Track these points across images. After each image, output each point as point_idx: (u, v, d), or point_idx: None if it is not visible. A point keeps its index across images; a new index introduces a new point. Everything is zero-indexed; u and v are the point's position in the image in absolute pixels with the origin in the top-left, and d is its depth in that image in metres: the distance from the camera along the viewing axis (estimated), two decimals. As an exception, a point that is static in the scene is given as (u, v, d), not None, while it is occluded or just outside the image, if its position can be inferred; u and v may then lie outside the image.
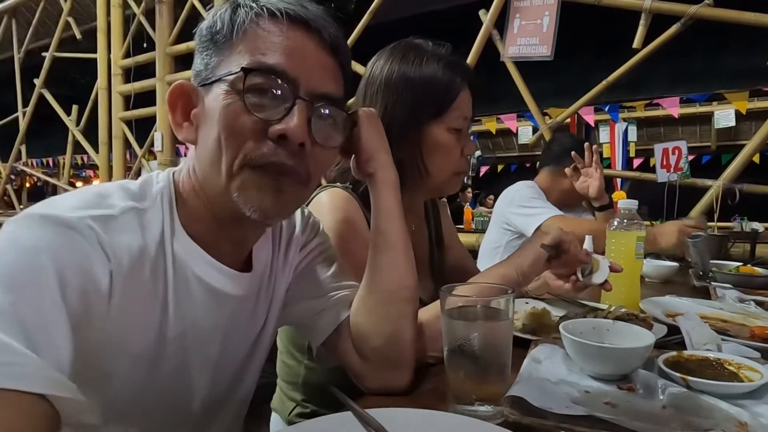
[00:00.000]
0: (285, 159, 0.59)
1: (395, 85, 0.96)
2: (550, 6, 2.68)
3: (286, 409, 1.07)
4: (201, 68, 0.62)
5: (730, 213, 2.59)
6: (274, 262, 0.75)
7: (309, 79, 0.60)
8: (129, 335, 0.57)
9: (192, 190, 0.64)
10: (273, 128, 0.58)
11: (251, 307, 0.72)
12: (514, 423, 0.55)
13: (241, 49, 0.59)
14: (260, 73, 0.57)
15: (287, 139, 0.58)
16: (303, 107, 0.59)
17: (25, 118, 5.38)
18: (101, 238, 0.53)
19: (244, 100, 0.57)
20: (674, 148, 2.43)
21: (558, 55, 2.67)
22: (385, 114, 0.95)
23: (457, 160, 1.00)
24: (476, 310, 0.62)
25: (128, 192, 0.61)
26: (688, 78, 5.20)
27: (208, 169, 0.61)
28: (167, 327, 0.61)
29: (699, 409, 0.58)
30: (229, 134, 0.58)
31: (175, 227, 0.62)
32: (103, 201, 0.57)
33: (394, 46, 1.01)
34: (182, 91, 0.62)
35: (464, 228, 4.04)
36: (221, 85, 0.58)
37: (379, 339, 0.71)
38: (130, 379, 0.59)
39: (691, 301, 1.12)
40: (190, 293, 0.63)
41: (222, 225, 0.64)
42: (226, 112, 0.58)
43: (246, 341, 0.74)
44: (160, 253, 0.60)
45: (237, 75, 0.57)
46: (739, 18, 2.30)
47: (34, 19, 5.20)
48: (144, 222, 0.59)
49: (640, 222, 1.14)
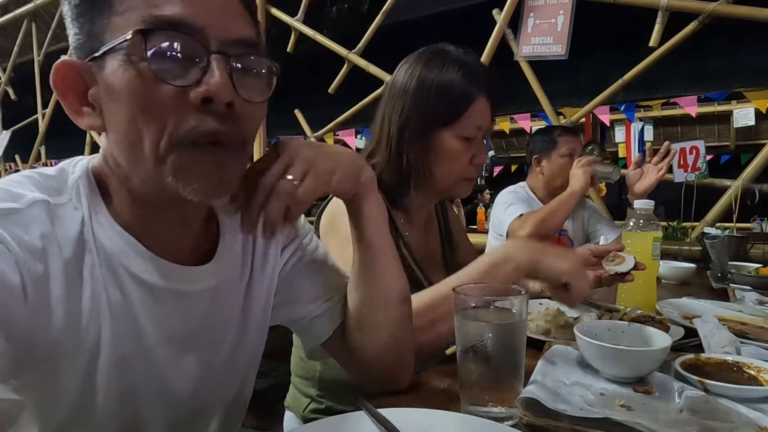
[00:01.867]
0: (217, 125, 0.50)
1: (414, 88, 0.99)
2: (564, 4, 2.65)
3: (301, 406, 1.08)
4: (82, 39, 0.52)
5: (749, 214, 2.55)
6: (246, 259, 0.68)
7: (218, 26, 0.50)
8: (60, 342, 0.51)
9: (114, 177, 0.56)
10: (194, 92, 0.49)
11: (216, 307, 0.64)
12: (528, 425, 0.55)
13: (127, 4, 0.49)
14: (160, 31, 0.48)
15: (213, 102, 0.49)
16: (221, 61, 0.50)
17: (45, 120, 5.48)
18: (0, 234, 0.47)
19: (150, 68, 0.48)
20: (692, 148, 2.39)
21: (573, 54, 2.64)
22: (401, 116, 0.99)
23: (465, 167, 1.02)
24: (489, 311, 0.62)
25: (38, 183, 0.54)
26: (707, 76, 5.11)
27: (127, 155, 0.53)
28: (102, 332, 0.54)
29: (716, 413, 0.57)
30: (143, 112, 0.49)
31: (99, 218, 0.55)
32: (8, 194, 0.51)
33: (421, 51, 1.04)
34: (69, 71, 0.52)
35: (477, 228, 4.03)
36: (116, 55, 0.49)
37: (377, 349, 0.70)
38: (73, 395, 0.53)
39: (708, 303, 1.10)
40: (125, 292, 0.55)
41: (156, 211, 0.57)
42: (132, 87, 0.49)
43: (215, 347, 0.65)
44: (79, 248, 0.53)
45: (132, 40, 0.48)
46: (758, 15, 2.26)
47: (53, 22, 5.30)
48: (56, 216, 0.52)
49: (657, 222, 1.12)
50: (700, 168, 2.36)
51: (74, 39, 0.53)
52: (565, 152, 2.12)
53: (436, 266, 1.16)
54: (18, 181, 0.53)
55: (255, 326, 0.70)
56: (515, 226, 1.93)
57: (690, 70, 4.76)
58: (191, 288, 0.60)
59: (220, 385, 0.67)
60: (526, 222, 1.88)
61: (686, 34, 2.39)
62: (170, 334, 0.59)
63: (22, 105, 5.87)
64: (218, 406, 0.69)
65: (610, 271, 0.94)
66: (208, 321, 0.63)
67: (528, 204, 2.09)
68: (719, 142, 8.16)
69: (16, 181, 0.53)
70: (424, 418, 0.56)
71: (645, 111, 7.05)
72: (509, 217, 1.98)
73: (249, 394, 0.75)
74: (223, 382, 0.68)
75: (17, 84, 6.00)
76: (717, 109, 7.12)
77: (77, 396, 0.54)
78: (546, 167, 2.17)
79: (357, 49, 3.33)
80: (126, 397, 0.57)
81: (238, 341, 0.68)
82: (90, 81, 0.52)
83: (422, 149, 0.99)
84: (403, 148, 1.00)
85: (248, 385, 0.74)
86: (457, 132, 0.98)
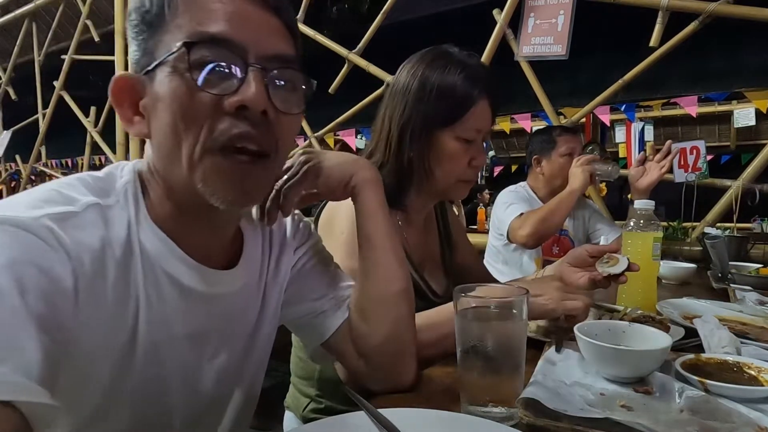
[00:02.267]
0: (248, 128, 0.54)
1: (415, 89, 1.00)
2: (564, 4, 2.65)
3: (301, 406, 1.08)
4: (139, 55, 0.57)
5: (749, 214, 2.55)
6: (264, 264, 0.72)
7: (257, 43, 0.55)
8: (101, 338, 0.54)
9: (155, 183, 0.60)
10: (229, 100, 0.53)
11: (237, 309, 0.68)
12: (528, 425, 0.55)
13: (176, 23, 0.54)
14: (203, 45, 0.53)
15: (247, 109, 0.53)
16: (258, 73, 0.54)
17: (45, 120, 5.48)
18: (60, 239, 0.49)
19: (193, 78, 0.52)
20: (692, 148, 2.38)
21: (573, 54, 2.64)
22: (402, 115, 1.00)
23: (463, 168, 1.02)
24: (490, 311, 0.62)
25: (90, 187, 0.57)
26: (707, 76, 5.11)
27: (167, 161, 0.57)
28: (139, 328, 0.57)
29: (717, 413, 0.57)
30: (182, 118, 0.53)
31: (142, 221, 0.58)
32: (62, 197, 0.53)
33: (424, 52, 1.04)
34: (125, 84, 0.57)
35: (478, 228, 4.03)
36: (164, 68, 0.54)
37: (377, 339, 0.72)
38: (105, 385, 0.56)
39: (709, 304, 1.10)
40: (161, 292, 0.59)
41: (192, 216, 0.61)
42: (175, 95, 0.53)
43: (232, 345, 0.69)
44: (128, 250, 0.56)
45: (178, 53, 0.52)
46: (759, 15, 2.25)
47: (53, 22, 5.31)
48: (108, 218, 0.55)
49: (657, 223, 1.12)
50: (701, 168, 2.35)
51: (133, 55, 0.58)
52: (565, 151, 2.12)
53: (435, 267, 1.16)
54: (71, 183, 0.56)
55: (267, 328, 0.74)
56: (516, 225, 1.93)
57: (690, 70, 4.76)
58: (219, 290, 0.64)
59: (233, 384, 0.70)
60: (526, 221, 1.89)
61: (687, 34, 2.39)
62: (193, 331, 0.63)
63: (23, 105, 5.88)
64: (231, 403, 0.71)
65: (603, 273, 0.95)
66: (228, 322, 0.67)
67: (529, 203, 2.09)
68: (720, 142, 8.15)
69: (69, 184, 0.56)
70: (424, 418, 0.56)
71: (645, 111, 7.04)
72: (510, 217, 1.98)
73: (257, 393, 0.77)
74: (236, 381, 0.71)
75: (18, 84, 6.00)
76: (717, 109, 7.11)
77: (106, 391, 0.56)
78: (546, 167, 2.17)
79: (357, 49, 3.33)
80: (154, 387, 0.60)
81: (251, 342, 0.71)
82: (142, 92, 0.57)
83: (423, 149, 1.00)
84: (404, 148, 1.01)
85: (257, 384, 0.76)
86: (456, 133, 0.99)
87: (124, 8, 4.45)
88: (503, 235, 2.07)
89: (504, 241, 2.10)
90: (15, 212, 0.49)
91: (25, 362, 0.42)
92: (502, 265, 2.15)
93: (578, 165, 1.94)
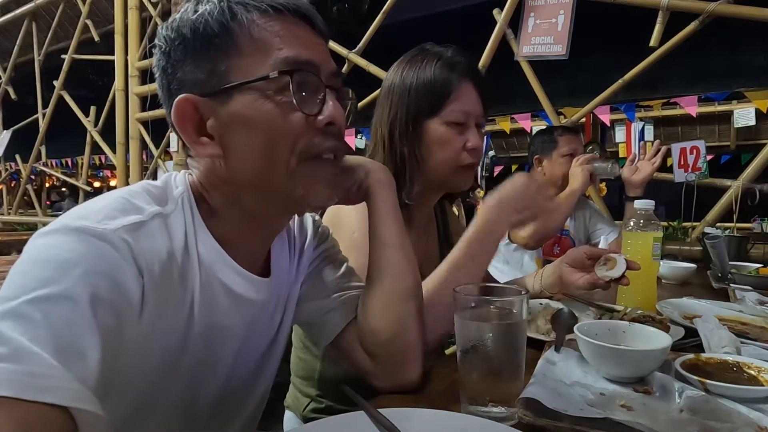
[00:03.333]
0: (337, 142, 0.63)
1: (398, 88, 1.03)
2: (565, 4, 2.65)
3: (301, 405, 1.08)
4: (202, 76, 0.58)
5: (749, 214, 2.55)
6: (290, 270, 0.76)
7: (324, 62, 0.62)
8: (154, 342, 0.57)
9: (218, 194, 0.63)
10: (320, 119, 0.60)
11: (268, 313, 0.73)
12: (528, 424, 0.55)
13: (256, 48, 0.58)
14: (297, 71, 0.58)
15: (334, 125, 0.61)
16: (331, 92, 0.62)
17: (45, 119, 5.48)
18: (134, 251, 0.52)
19: (288, 100, 0.58)
20: (692, 148, 2.39)
21: (573, 53, 2.64)
22: (389, 114, 1.02)
23: (457, 153, 1.01)
24: (490, 311, 0.62)
25: (153, 196, 0.60)
26: (707, 76, 5.12)
27: (258, 175, 0.60)
28: (190, 330, 0.61)
29: (717, 413, 0.57)
30: (280, 136, 0.58)
31: (198, 229, 0.62)
32: (132, 206, 0.56)
33: (405, 54, 1.07)
34: (189, 106, 0.59)
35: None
36: (250, 91, 0.57)
37: (385, 338, 0.72)
38: (149, 384, 0.59)
39: (709, 303, 1.10)
40: (214, 297, 0.63)
41: (252, 227, 0.65)
42: (271, 115, 0.57)
43: (261, 345, 0.74)
44: (186, 257, 0.60)
45: (274, 78, 0.57)
46: (759, 14, 2.25)
47: (53, 22, 5.31)
48: (169, 227, 0.59)
49: (657, 223, 1.12)
50: (701, 168, 2.36)
51: (191, 75, 0.59)
52: (567, 152, 2.11)
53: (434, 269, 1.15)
54: (138, 192, 0.59)
55: (286, 327, 0.78)
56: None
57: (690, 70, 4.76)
58: (258, 297, 0.68)
59: (251, 384, 0.75)
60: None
61: (687, 34, 2.39)
62: (230, 335, 0.67)
63: (23, 105, 5.89)
64: (248, 403, 0.75)
65: (604, 278, 0.95)
66: (260, 325, 0.72)
67: None
68: (719, 142, 8.14)
69: (136, 193, 0.59)
70: (424, 418, 0.56)
71: (645, 111, 7.03)
72: None
73: (267, 393, 0.80)
74: (254, 383, 0.75)
75: (17, 83, 6.01)
76: (717, 109, 7.10)
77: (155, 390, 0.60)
78: (547, 167, 2.16)
79: (357, 49, 3.33)
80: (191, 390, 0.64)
81: (273, 343, 0.76)
82: (207, 114, 0.59)
83: (413, 142, 1.01)
84: (395, 146, 1.01)
85: (269, 385, 0.79)
86: (444, 119, 0.99)
87: (124, 8, 4.45)
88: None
89: (505, 241, 2.10)
90: (92, 222, 0.51)
91: (86, 371, 0.44)
92: (503, 265, 2.15)
93: (578, 165, 1.95)
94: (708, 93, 5.58)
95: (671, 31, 2.43)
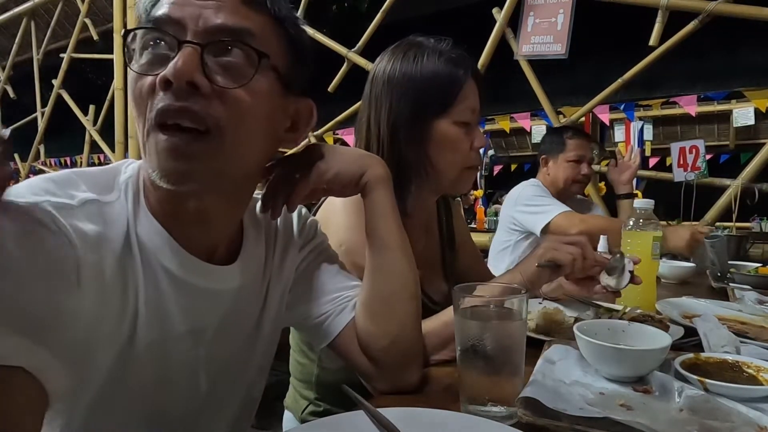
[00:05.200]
0: (173, 100, 0.52)
1: (398, 84, 0.95)
2: (564, 3, 2.65)
3: (299, 408, 1.08)
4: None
5: (748, 213, 2.55)
6: (267, 263, 0.72)
7: (198, 18, 0.54)
8: (102, 330, 0.54)
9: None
10: (157, 77, 0.53)
11: (238, 307, 0.68)
12: (527, 424, 0.55)
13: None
14: (143, 30, 0.55)
15: (173, 83, 0.52)
16: (190, 48, 0.53)
17: (44, 118, 5.47)
18: (60, 223, 0.49)
19: (132, 64, 0.54)
20: (691, 147, 2.39)
21: (573, 53, 2.64)
22: (390, 114, 0.95)
23: (467, 153, 0.98)
24: (489, 310, 0.62)
25: (90, 183, 0.57)
26: (706, 76, 5.12)
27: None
28: (139, 322, 0.57)
29: (716, 413, 0.57)
30: (133, 105, 0.56)
31: (140, 215, 0.58)
32: (60, 190, 0.53)
33: (395, 46, 1.00)
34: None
35: (477, 227, 4.03)
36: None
37: (384, 340, 0.71)
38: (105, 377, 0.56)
39: (708, 303, 1.10)
40: (159, 286, 0.59)
41: (175, 203, 0.60)
42: (129, 83, 0.56)
43: (232, 344, 0.69)
44: (126, 245, 0.56)
45: (126, 41, 0.55)
46: (758, 14, 2.26)
47: (52, 20, 5.29)
48: (107, 214, 0.56)
49: (657, 222, 1.12)
50: (700, 167, 2.36)
51: None
52: (573, 157, 2.06)
53: (434, 273, 1.11)
54: (69, 179, 0.56)
55: (269, 327, 0.73)
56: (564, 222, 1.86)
57: (690, 69, 4.77)
58: (218, 286, 0.64)
59: (232, 383, 0.70)
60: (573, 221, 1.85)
61: (686, 33, 2.39)
62: (193, 328, 0.63)
63: (21, 104, 5.87)
64: (229, 403, 0.71)
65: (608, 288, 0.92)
66: (228, 319, 0.66)
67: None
68: (719, 141, 8.15)
69: (67, 179, 0.56)
70: (424, 418, 0.56)
71: (645, 110, 7.04)
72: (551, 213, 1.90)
73: (259, 395, 0.77)
74: (235, 381, 0.71)
75: (16, 82, 5.99)
76: (716, 109, 7.11)
77: (107, 381, 0.57)
78: (552, 168, 2.12)
79: (357, 47, 3.33)
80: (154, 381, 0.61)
81: (252, 342, 0.71)
82: None
83: (420, 143, 0.95)
84: (398, 146, 0.95)
85: (258, 386, 0.76)
86: (453, 118, 0.95)
87: (123, 7, 4.44)
88: (518, 229, 2.03)
89: (519, 236, 2.06)
90: (14, 197, 0.49)
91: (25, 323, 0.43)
92: (510, 265, 2.13)
93: (690, 231, 1.71)
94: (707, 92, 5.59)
95: (671, 30, 2.44)
